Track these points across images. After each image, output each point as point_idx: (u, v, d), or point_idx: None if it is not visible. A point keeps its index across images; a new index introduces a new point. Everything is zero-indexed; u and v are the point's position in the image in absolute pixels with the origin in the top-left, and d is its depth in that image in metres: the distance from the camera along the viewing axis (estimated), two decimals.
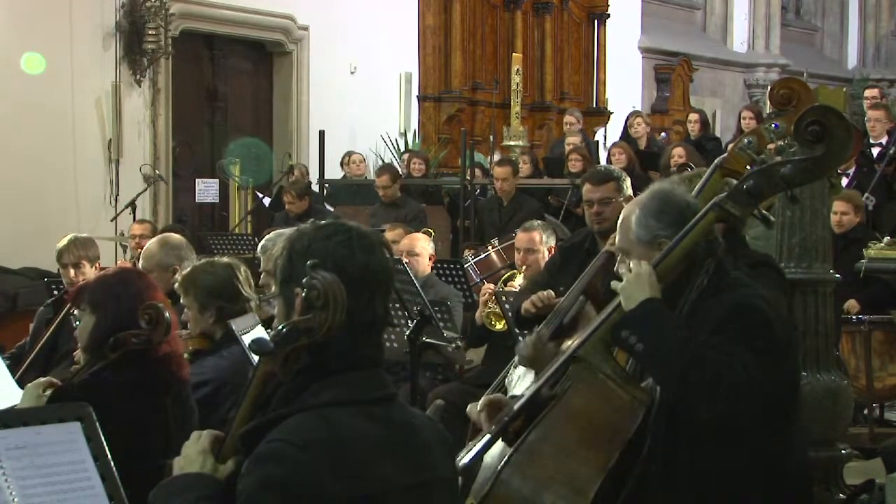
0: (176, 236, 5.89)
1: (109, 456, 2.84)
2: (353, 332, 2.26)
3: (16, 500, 2.63)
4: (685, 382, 2.96)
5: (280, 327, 2.26)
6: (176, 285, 4.63)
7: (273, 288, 5.01)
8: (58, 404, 3.32)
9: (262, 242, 5.34)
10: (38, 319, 6.16)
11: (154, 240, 5.78)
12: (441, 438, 2.43)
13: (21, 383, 4.54)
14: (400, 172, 11.24)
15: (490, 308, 6.02)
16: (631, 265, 3.16)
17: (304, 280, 2.22)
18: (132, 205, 10.58)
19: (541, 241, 6.16)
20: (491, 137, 13.95)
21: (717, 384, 2.93)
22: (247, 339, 4.29)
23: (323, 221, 2.40)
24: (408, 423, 2.35)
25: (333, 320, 2.21)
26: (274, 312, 2.47)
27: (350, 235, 2.31)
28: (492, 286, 6.19)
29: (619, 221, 3.33)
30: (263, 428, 2.23)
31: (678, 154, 10.43)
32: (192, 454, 2.36)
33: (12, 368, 4.90)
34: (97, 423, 2.88)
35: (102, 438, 2.86)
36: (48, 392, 3.59)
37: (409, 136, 15.02)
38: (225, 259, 4.76)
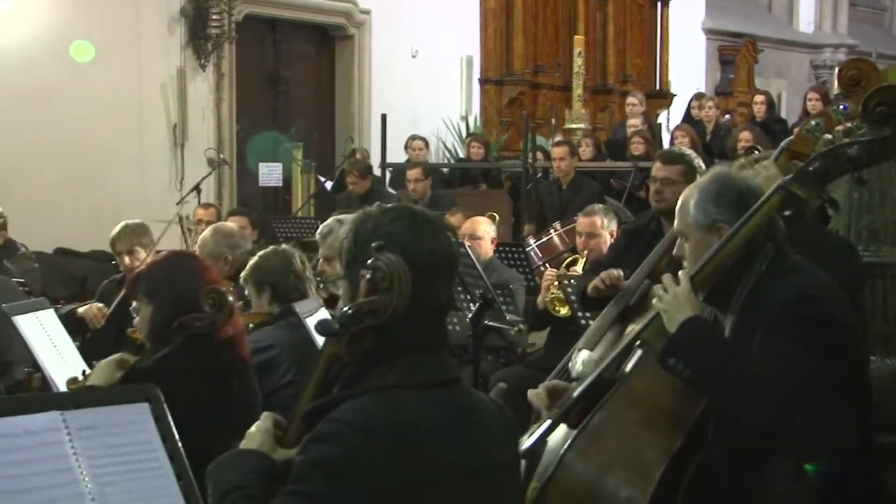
0: (228, 225, 5.96)
1: (177, 437, 2.88)
2: (417, 315, 2.26)
3: (86, 479, 2.67)
4: (737, 401, 2.91)
5: (345, 309, 2.27)
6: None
7: (330, 273, 5.10)
8: (126, 385, 3.37)
9: (320, 229, 5.36)
10: (99, 295, 6.25)
11: (208, 229, 5.86)
12: (506, 422, 2.43)
13: (88, 360, 4.63)
14: (434, 168, 10.95)
15: (553, 294, 6.01)
16: (665, 282, 3.10)
17: (368, 262, 2.24)
18: (197, 189, 10.69)
19: (602, 226, 6.14)
20: (552, 120, 13.91)
21: (770, 397, 2.86)
22: (310, 322, 4.33)
23: (388, 205, 2.41)
24: (471, 406, 2.35)
25: (398, 302, 2.21)
26: (338, 293, 2.49)
27: (415, 219, 2.32)
28: (554, 271, 6.18)
29: (678, 205, 3.30)
30: (325, 408, 2.24)
31: (745, 137, 10.30)
32: (254, 432, 2.40)
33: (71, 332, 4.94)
34: (164, 405, 2.92)
35: (170, 419, 2.90)
36: (118, 375, 3.63)
37: (471, 120, 15.00)
38: (282, 246, 4.81)
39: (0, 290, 5.15)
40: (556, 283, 5.90)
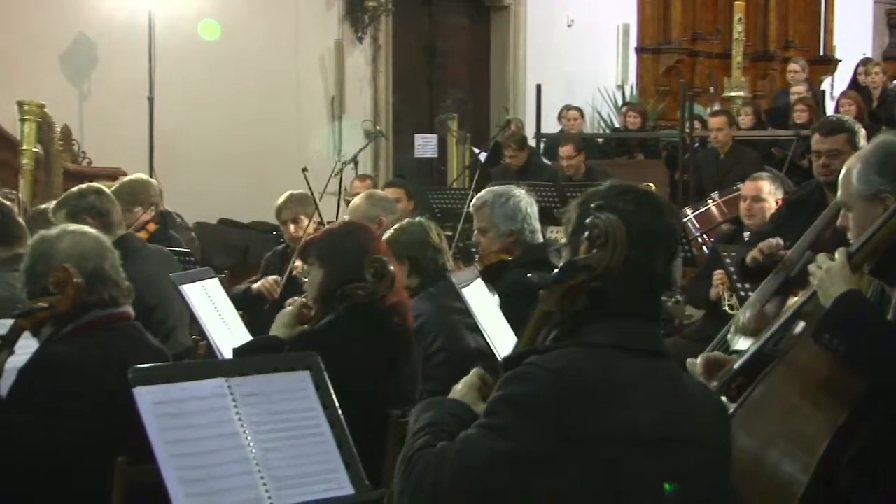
0: (380, 192, 6.02)
1: (337, 404, 2.94)
2: (631, 282, 2.29)
3: (251, 444, 2.75)
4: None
5: (561, 264, 2.32)
6: None
7: (485, 244, 5.12)
8: (287, 353, 3.45)
9: (474, 201, 5.38)
10: (264, 266, 6.41)
11: (361, 195, 5.96)
12: (716, 406, 2.44)
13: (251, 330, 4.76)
14: (584, 143, 10.77)
15: (725, 296, 5.86)
16: (819, 259, 3.02)
17: (587, 220, 2.28)
18: (354, 160, 10.83)
19: (769, 191, 6.02)
20: (711, 89, 13.65)
21: None
22: (466, 292, 4.36)
23: (618, 182, 2.45)
24: (677, 380, 2.35)
25: (612, 259, 2.24)
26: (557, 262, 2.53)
27: (640, 195, 2.37)
28: (721, 273, 5.96)
29: (841, 175, 3.20)
30: (528, 355, 2.28)
31: None
32: (459, 387, 2.46)
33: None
34: (325, 372, 2.98)
35: (330, 387, 2.96)
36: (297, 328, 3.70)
37: (627, 89, 14.83)
38: (418, 218, 4.87)
39: (159, 260, 5.30)
40: (726, 282, 5.76)
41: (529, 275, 4.65)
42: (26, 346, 3.31)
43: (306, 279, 3.92)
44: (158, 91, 10.10)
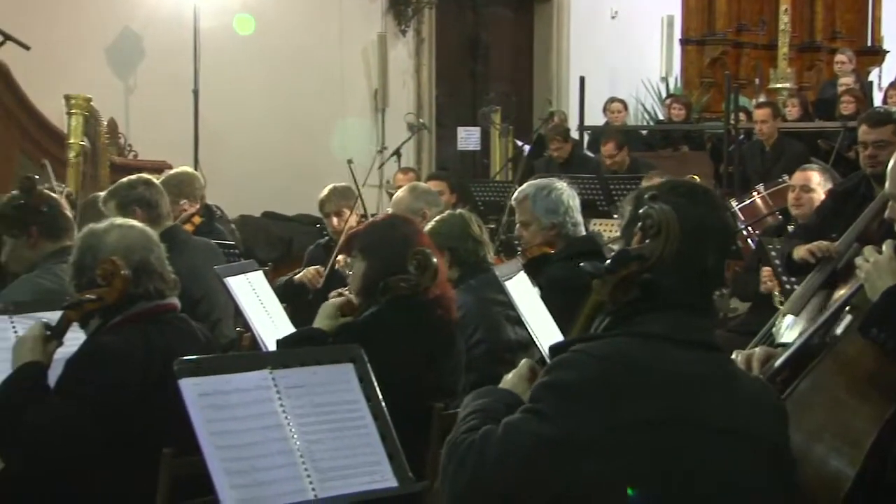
0: (423, 184, 6.02)
1: (381, 396, 2.94)
2: (683, 276, 2.29)
3: (295, 436, 2.76)
4: None
5: (614, 254, 2.32)
6: None
7: (527, 237, 5.11)
8: (331, 346, 3.46)
9: (515, 194, 5.37)
10: (307, 259, 6.44)
11: (403, 187, 5.97)
12: (772, 401, 2.43)
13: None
14: (626, 138, 10.72)
15: (776, 292, 5.81)
16: (866, 252, 2.99)
17: (641, 210, 2.29)
18: (397, 153, 10.84)
19: (818, 182, 5.98)
20: (756, 80, 13.54)
21: None
22: (509, 285, 4.35)
23: (673, 179, 2.47)
24: (731, 373, 2.34)
25: (664, 249, 2.24)
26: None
27: (695, 190, 2.38)
28: (769, 270, 5.90)
29: (889, 167, 3.17)
30: (575, 343, 2.29)
31: None
32: (509, 377, 2.47)
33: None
34: (368, 365, 2.99)
35: (373, 379, 2.97)
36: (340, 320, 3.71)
37: (671, 81, 14.74)
38: (458, 210, 4.87)
39: (206, 252, 5.33)
40: (773, 279, 5.71)
41: (582, 264, 4.64)
42: (74, 339, 3.35)
43: (349, 272, 3.93)
44: (203, 84, 10.16)
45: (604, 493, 2.18)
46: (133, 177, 5.24)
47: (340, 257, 5.68)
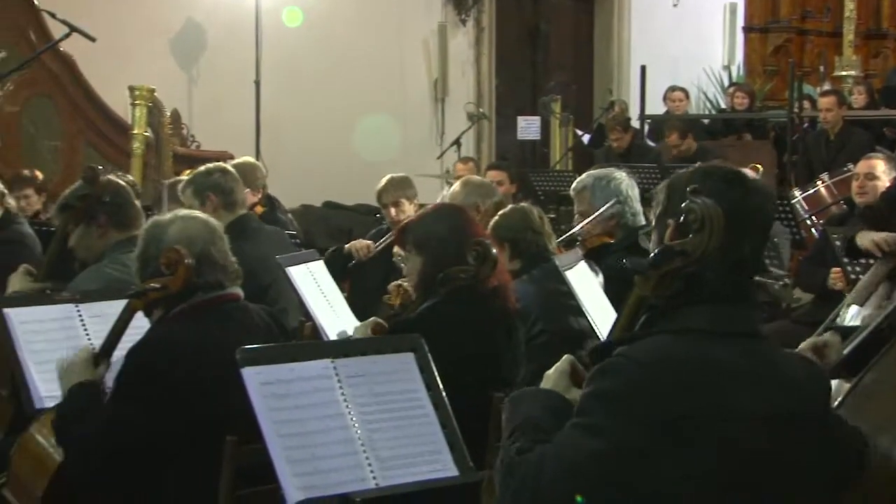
0: (477, 177, 6.04)
1: (441, 386, 2.95)
2: (725, 265, 2.26)
3: (356, 425, 2.78)
4: None
5: (657, 250, 2.30)
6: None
7: (585, 229, 5.10)
8: (392, 335, 3.47)
9: (574, 185, 5.35)
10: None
11: (458, 182, 5.97)
12: (816, 378, 2.39)
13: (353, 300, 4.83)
14: (688, 126, 10.70)
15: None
16: None
17: (682, 204, 2.25)
18: (457, 143, 10.85)
19: (883, 171, 5.92)
20: (821, 68, 13.38)
21: None
22: (569, 275, 4.34)
23: (706, 164, 2.44)
24: (774, 359, 2.32)
25: (709, 244, 2.21)
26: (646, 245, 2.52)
27: (730, 176, 2.34)
28: (839, 270, 5.82)
29: None
30: (617, 345, 2.27)
31: None
32: (550, 373, 2.44)
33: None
34: (428, 354, 3.00)
35: (434, 369, 2.98)
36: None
37: (733, 70, 14.60)
38: (521, 203, 4.88)
39: (273, 241, 5.37)
40: (843, 279, 5.64)
41: (624, 260, 4.63)
42: (140, 327, 3.38)
43: (404, 264, 3.92)
44: (265, 75, 10.23)
45: (666, 496, 2.16)
46: (210, 164, 5.32)
47: (396, 250, 5.71)
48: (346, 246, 6.19)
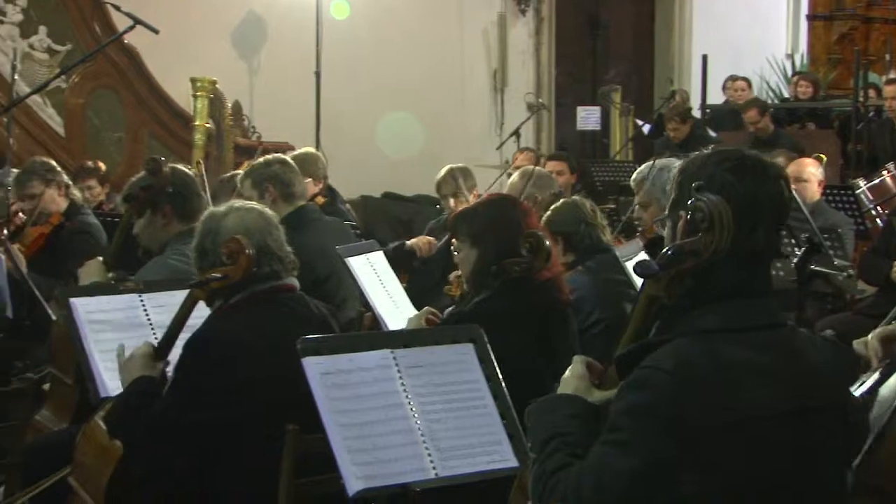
0: (536, 168, 6.03)
1: (500, 376, 2.95)
2: (737, 259, 2.22)
3: (416, 415, 2.79)
4: None
5: (665, 250, 2.26)
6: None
7: (647, 219, 5.07)
8: (451, 326, 3.47)
9: (635, 175, 5.32)
10: (427, 233, 6.46)
11: (516, 172, 5.97)
12: (842, 361, 2.37)
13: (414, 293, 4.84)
14: (768, 104, 10.74)
15: None
16: None
17: (689, 202, 2.22)
18: (516, 133, 10.83)
19: None
20: (886, 56, 13.16)
21: None
22: (630, 266, 4.33)
23: (719, 148, 2.38)
24: (797, 349, 2.28)
25: (719, 242, 2.18)
26: (663, 233, 2.47)
27: (743, 163, 2.27)
28: None
29: None
30: (640, 353, 2.23)
31: None
32: (568, 377, 2.42)
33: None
34: (488, 345, 3.00)
35: (493, 359, 2.98)
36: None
37: (797, 58, 14.42)
38: (573, 197, 4.90)
39: (333, 232, 5.38)
40: None
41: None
42: (200, 316, 3.41)
43: (457, 253, 3.92)
44: (325, 66, 10.27)
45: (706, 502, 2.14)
46: (269, 156, 5.34)
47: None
48: (409, 243, 6.20)
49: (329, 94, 10.31)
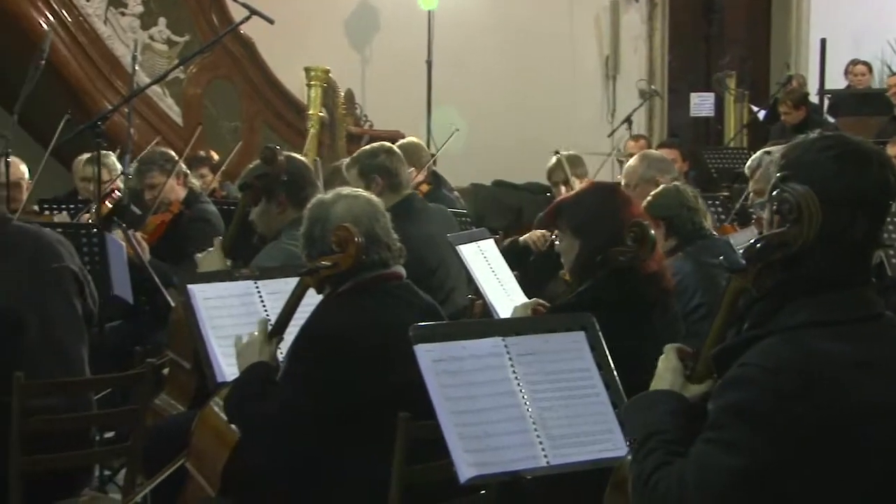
0: (656, 152, 5.96)
1: (612, 365, 2.94)
2: (832, 250, 2.16)
3: (527, 403, 2.79)
4: None
5: (753, 241, 2.22)
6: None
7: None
8: (563, 314, 3.45)
9: (749, 162, 5.24)
10: (538, 224, 6.44)
11: (635, 156, 5.90)
12: None
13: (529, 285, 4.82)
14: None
15: None
16: None
17: (774, 193, 2.18)
18: (628, 120, 10.74)
19: None
20: None
21: None
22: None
23: (824, 133, 2.31)
24: (888, 338, 2.20)
25: (807, 234, 2.13)
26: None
27: (844, 150, 2.20)
28: None
29: None
30: (736, 349, 2.19)
31: None
32: (661, 371, 2.36)
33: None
34: (600, 333, 2.98)
35: (605, 348, 2.96)
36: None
37: None
38: (675, 183, 4.85)
39: (439, 220, 5.39)
40: None
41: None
42: (310, 305, 3.45)
43: (558, 242, 3.88)
44: (436, 55, 10.30)
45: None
46: (375, 145, 5.36)
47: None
48: (522, 238, 6.18)
49: (440, 83, 10.35)
